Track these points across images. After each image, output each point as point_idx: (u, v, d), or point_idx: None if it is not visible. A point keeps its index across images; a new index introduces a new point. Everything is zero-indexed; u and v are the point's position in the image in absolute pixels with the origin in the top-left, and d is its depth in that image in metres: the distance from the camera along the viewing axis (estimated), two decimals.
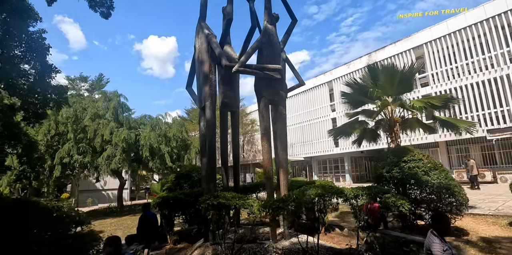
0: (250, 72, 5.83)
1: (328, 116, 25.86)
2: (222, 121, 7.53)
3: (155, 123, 18.55)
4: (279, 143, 6.04)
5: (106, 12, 10.50)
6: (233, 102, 7.42)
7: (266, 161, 5.75)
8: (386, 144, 20.54)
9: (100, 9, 10.41)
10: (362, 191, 4.80)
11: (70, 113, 16.77)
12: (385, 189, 5.07)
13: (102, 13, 10.46)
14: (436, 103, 9.47)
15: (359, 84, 10.72)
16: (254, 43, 6.11)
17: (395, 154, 8.04)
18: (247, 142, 34.14)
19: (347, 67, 24.23)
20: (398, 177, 7.67)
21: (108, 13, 10.61)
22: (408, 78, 10.18)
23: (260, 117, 6.03)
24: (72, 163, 16.25)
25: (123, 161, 16.43)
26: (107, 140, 16.65)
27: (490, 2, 17.62)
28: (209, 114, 6.22)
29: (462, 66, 18.77)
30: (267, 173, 5.79)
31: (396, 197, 4.79)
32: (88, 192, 30.86)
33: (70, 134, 16.31)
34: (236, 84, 7.67)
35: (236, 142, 7.69)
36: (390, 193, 4.85)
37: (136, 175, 30.38)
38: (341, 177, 25.19)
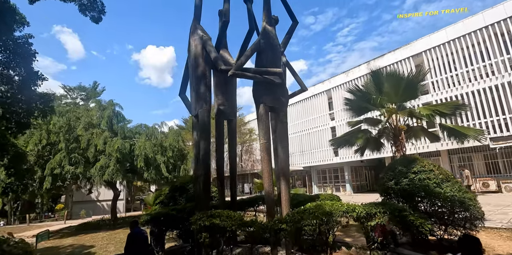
0: (248, 76, 5.27)
1: (327, 125, 25.31)
2: (218, 130, 6.93)
3: (151, 133, 17.89)
4: (280, 153, 5.43)
5: (97, 16, 10.02)
6: (229, 110, 6.86)
7: (266, 174, 5.13)
8: (387, 153, 20.00)
9: (91, 13, 9.94)
10: (375, 208, 4.19)
11: (63, 123, 16.11)
12: (401, 206, 4.47)
13: (93, 17, 9.98)
14: (444, 111, 8.93)
15: (362, 91, 10.20)
16: (252, 45, 5.58)
17: (403, 164, 7.44)
18: (245, 151, 33.45)
19: (345, 75, 23.85)
20: (407, 189, 7.05)
21: (99, 17, 10.13)
22: (413, 85, 9.69)
23: (259, 126, 5.44)
24: (64, 174, 15.47)
25: (117, 172, 15.69)
26: (101, 150, 15.95)
27: (488, 10, 17.38)
28: (203, 122, 5.63)
29: (463, 74, 18.37)
30: (267, 188, 5.16)
31: (415, 216, 4.19)
32: (83, 203, 29.88)
33: (62, 143, 15.60)
34: (233, 91, 7.12)
35: (233, 152, 7.07)
36: (407, 211, 4.25)
37: (131, 186, 29.57)
38: (341, 186, 24.46)
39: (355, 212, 3.99)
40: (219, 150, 6.88)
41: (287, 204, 5.21)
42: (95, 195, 29.22)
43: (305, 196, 6.80)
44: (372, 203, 4.36)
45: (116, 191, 18.83)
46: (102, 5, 9.96)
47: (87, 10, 9.79)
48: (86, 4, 9.77)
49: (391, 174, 7.51)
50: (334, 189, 24.65)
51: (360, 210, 4.04)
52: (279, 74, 5.48)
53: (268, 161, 5.18)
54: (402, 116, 9.51)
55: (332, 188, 24.55)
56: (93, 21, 9.91)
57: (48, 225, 22.66)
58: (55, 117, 16.10)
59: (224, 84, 6.90)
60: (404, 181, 7.15)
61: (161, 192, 10.18)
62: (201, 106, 5.71)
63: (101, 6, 9.97)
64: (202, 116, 5.64)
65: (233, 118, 7.01)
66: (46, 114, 8.48)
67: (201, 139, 5.66)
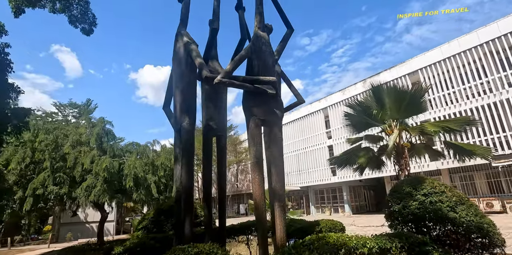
0: (236, 84, 4.57)
1: (324, 144, 24.56)
2: (205, 148, 6.14)
3: (142, 151, 17.00)
4: (275, 172, 4.64)
5: (88, 28, 9.53)
6: (219, 125, 6.12)
7: (258, 198, 4.31)
8: (386, 172, 19.16)
9: (81, 25, 9.46)
10: (390, 242, 3.36)
11: (50, 140, 15.22)
12: (420, 238, 3.64)
13: (84, 29, 9.49)
14: (454, 127, 8.25)
15: (362, 106, 9.56)
16: (243, 50, 4.94)
17: (411, 184, 6.65)
18: (241, 171, 32.39)
19: (342, 93, 23.45)
20: (417, 213, 6.22)
21: (90, 29, 9.64)
22: (416, 100, 9.09)
23: (249, 142, 4.68)
24: (46, 195, 14.38)
25: (104, 192, 14.62)
26: (88, 169, 14.96)
27: (482, 28, 17.27)
28: (186, 138, 4.86)
29: (460, 91, 17.99)
30: (258, 215, 4.32)
31: (439, 251, 3.37)
32: (71, 225, 28.24)
33: (47, 162, 14.63)
34: (223, 104, 6.41)
35: (223, 172, 6.24)
36: (430, 245, 3.43)
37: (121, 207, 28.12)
38: (340, 207, 23.33)
39: (366, 248, 3.17)
40: (206, 170, 6.06)
41: (283, 234, 4.35)
42: (83, 216, 27.73)
43: (302, 222, 5.92)
44: (386, 235, 3.54)
45: (103, 213, 17.59)
46: (93, 17, 9.49)
47: (77, 22, 9.31)
48: (76, 16, 9.30)
49: (398, 196, 6.69)
50: (333, 209, 23.49)
51: (372, 245, 3.22)
52: (272, 84, 4.80)
53: (260, 182, 4.38)
54: (413, 134, 8.81)
55: (331, 209, 23.39)
56: (84, 33, 9.41)
57: (31, 249, 21.11)
58: (41, 135, 15.28)
59: (213, 97, 6.21)
60: (413, 204, 6.33)
61: (145, 215, 9.19)
62: (184, 120, 4.97)
63: (93, 18, 9.50)
64: (185, 132, 4.89)
65: (222, 134, 6.24)
66: (20, 130, 7.67)
67: (183, 157, 4.87)
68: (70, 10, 9.32)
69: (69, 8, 9.31)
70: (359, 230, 13.42)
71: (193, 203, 4.74)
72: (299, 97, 5.56)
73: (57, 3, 9.07)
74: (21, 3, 8.23)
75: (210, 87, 6.24)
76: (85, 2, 9.38)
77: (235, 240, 6.73)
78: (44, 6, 8.97)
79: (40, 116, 17.63)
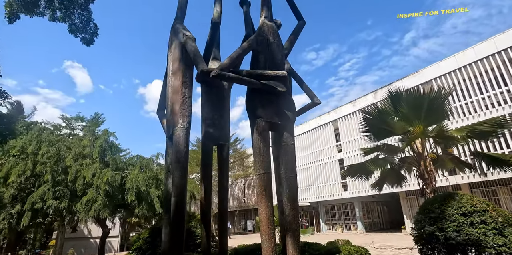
0: (238, 79, 3.71)
1: (334, 158, 23.35)
2: (205, 158, 5.23)
3: (146, 164, 16.13)
4: (286, 187, 3.68)
5: (89, 38, 8.97)
6: (220, 132, 5.24)
7: (265, 221, 3.34)
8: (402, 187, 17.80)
9: (82, 35, 8.91)
10: None
11: (52, 153, 14.55)
12: None
13: (84, 39, 8.92)
14: (485, 129, 7.18)
15: (381, 113, 8.59)
16: (246, 42, 4.10)
17: (446, 202, 5.57)
18: (248, 185, 31.15)
19: (352, 105, 22.46)
20: (457, 238, 5.10)
21: (91, 40, 9.07)
22: (438, 106, 8.11)
23: (254, 150, 3.75)
24: (45, 209, 13.54)
25: (104, 207, 13.72)
26: (90, 183, 14.15)
27: (500, 35, 16.31)
28: (178, 146, 3.97)
29: (478, 101, 16.83)
30: (266, 244, 3.33)
31: None
32: (75, 240, 27.18)
33: (48, 175, 13.87)
34: (226, 108, 5.55)
35: (225, 187, 5.29)
36: None
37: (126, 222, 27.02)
38: (352, 224, 21.78)
39: None
40: (206, 184, 5.11)
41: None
42: (87, 231, 26.74)
43: (319, 248, 4.85)
44: None
45: (105, 228, 16.60)
46: (95, 27, 8.96)
47: (78, 31, 8.79)
48: (77, 25, 8.78)
49: (430, 216, 5.61)
50: (344, 227, 21.96)
51: None
52: (282, 79, 3.94)
53: (268, 200, 3.42)
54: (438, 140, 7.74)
55: (342, 226, 21.86)
56: (84, 43, 8.87)
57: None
58: (44, 147, 14.64)
59: (214, 100, 5.38)
60: (451, 227, 5.25)
61: (140, 235, 8.20)
62: (177, 124, 4.10)
63: (94, 28, 8.98)
64: (178, 138, 4.01)
65: (225, 143, 5.35)
66: (5, 138, 6.93)
67: (175, 169, 3.96)
68: (71, 19, 8.80)
69: (70, 17, 8.80)
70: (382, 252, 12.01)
71: (183, 224, 3.78)
72: (314, 98, 4.66)
73: (57, 12, 8.57)
74: (17, 9, 7.74)
75: (210, 88, 5.42)
76: (87, 12, 8.90)
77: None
78: (43, 14, 8.46)
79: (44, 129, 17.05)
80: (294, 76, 4.92)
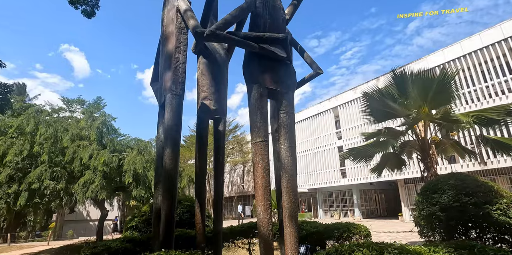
0: (234, 41, 3.39)
1: (334, 145, 23.15)
2: (200, 133, 4.98)
3: (144, 147, 15.93)
4: (284, 158, 3.43)
5: (90, 10, 8.60)
6: (217, 106, 4.97)
7: (261, 191, 3.10)
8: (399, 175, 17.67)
9: (83, 6, 8.55)
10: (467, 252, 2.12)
11: (49, 134, 14.30)
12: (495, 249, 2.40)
13: (85, 11, 8.55)
14: (492, 116, 6.90)
15: (383, 94, 8.28)
16: (244, 3, 3.76)
17: (450, 183, 5.30)
18: (247, 171, 31.12)
19: (353, 92, 22.07)
20: (460, 217, 4.90)
21: (92, 12, 8.69)
22: (446, 88, 7.81)
23: (251, 117, 3.47)
24: (42, 190, 13.44)
25: (102, 189, 13.60)
26: (87, 164, 13.98)
27: (506, 22, 15.79)
28: (171, 114, 3.70)
29: (482, 89, 16.46)
30: (261, 214, 3.10)
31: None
32: (74, 223, 27.40)
33: (45, 155, 13.69)
34: (224, 82, 5.26)
35: (220, 163, 5.06)
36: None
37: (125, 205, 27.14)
38: (350, 211, 21.80)
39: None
40: (200, 160, 4.87)
41: (294, 239, 3.13)
42: (86, 213, 26.91)
43: (318, 225, 4.65)
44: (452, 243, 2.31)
45: (103, 210, 16.56)
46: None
47: (78, 3, 8.40)
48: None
49: (433, 196, 5.41)
50: (342, 213, 21.99)
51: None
52: (282, 44, 3.63)
53: (264, 169, 3.17)
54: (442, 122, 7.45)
55: (340, 213, 21.89)
56: (85, 15, 8.51)
57: (31, 245, 20.19)
58: (42, 128, 14.38)
59: (211, 71, 5.08)
60: (454, 207, 5.05)
61: (135, 214, 8.05)
62: (170, 90, 3.81)
63: (95, 0, 8.63)
64: (170, 104, 3.73)
65: (222, 117, 5.09)
66: (3, 109, 6.65)
67: (168, 138, 3.70)
68: None
69: None
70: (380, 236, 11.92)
71: (175, 199, 3.55)
72: (315, 67, 4.35)
73: None
74: None
75: (207, 60, 5.11)
76: None
77: (234, 245, 5.54)
78: None
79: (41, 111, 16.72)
80: (295, 45, 4.60)
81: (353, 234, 4.32)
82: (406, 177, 18.03)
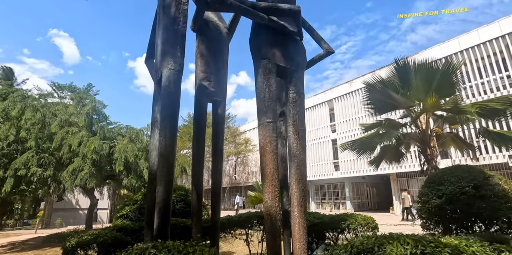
0: (242, 10, 3.00)
1: (328, 138, 22.99)
2: (197, 116, 4.60)
3: (136, 135, 15.41)
4: (293, 143, 3.09)
5: None
6: (217, 88, 4.60)
7: (270, 176, 2.76)
8: (393, 169, 17.62)
9: None
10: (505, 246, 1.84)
11: (36, 119, 13.67)
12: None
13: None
14: (496, 106, 6.70)
15: (385, 85, 8.01)
16: None
17: (456, 175, 5.07)
18: (240, 162, 30.86)
19: (349, 85, 21.83)
20: (466, 210, 4.69)
21: None
22: (450, 79, 7.60)
23: (259, 96, 3.10)
24: (29, 176, 12.88)
25: (91, 177, 13.12)
26: (76, 151, 13.45)
27: (505, 18, 15.62)
28: (170, 88, 3.30)
29: (477, 85, 16.39)
30: (269, 202, 2.77)
31: None
32: (64, 211, 26.77)
33: (31, 141, 13.10)
34: (224, 62, 4.87)
35: (219, 149, 4.71)
36: None
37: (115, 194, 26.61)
38: (341, 204, 21.82)
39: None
40: (198, 147, 4.50)
41: (302, 230, 2.82)
42: (75, 202, 26.34)
43: (322, 216, 4.37)
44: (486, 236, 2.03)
45: (93, 199, 16.10)
46: None
47: None
48: None
49: (439, 188, 5.18)
50: (334, 206, 22.00)
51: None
52: (294, 16, 3.25)
53: (273, 153, 2.83)
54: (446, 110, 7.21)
55: (331, 205, 21.89)
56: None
57: (17, 234, 19.66)
58: (28, 113, 13.75)
59: (211, 50, 4.68)
60: (462, 199, 4.83)
61: (127, 201, 7.67)
62: (167, 65, 3.41)
63: None
64: (168, 80, 3.32)
65: (221, 99, 4.71)
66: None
67: (164, 119, 3.30)
68: None
69: None
70: None
71: (171, 186, 3.19)
72: (327, 47, 3.98)
73: None
74: None
75: (207, 39, 4.70)
76: None
77: (231, 235, 5.24)
78: None
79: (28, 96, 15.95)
80: (303, 23, 4.21)
81: (360, 226, 4.05)
82: (398, 171, 18.00)
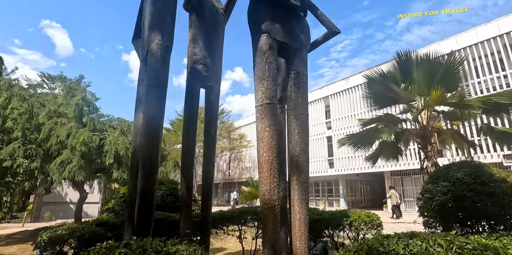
0: None
1: (323, 135, 22.73)
2: (188, 101, 4.19)
3: (127, 127, 14.90)
4: (294, 129, 2.72)
5: None
6: (210, 72, 4.21)
7: (268, 165, 2.39)
8: (387, 167, 17.44)
9: None
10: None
11: (24, 109, 13.11)
12: None
13: None
14: (502, 101, 6.44)
15: (386, 77, 7.69)
16: None
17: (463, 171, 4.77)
18: (234, 158, 30.48)
19: (345, 82, 21.54)
20: (473, 207, 4.40)
21: None
22: (454, 74, 7.32)
23: (257, 74, 2.72)
24: (15, 168, 12.34)
25: (80, 169, 12.63)
26: (65, 143, 12.93)
27: (503, 18, 15.44)
28: (157, 63, 2.90)
29: (474, 85, 16.23)
30: (266, 194, 2.40)
31: None
32: (54, 205, 26.17)
33: (18, 131, 12.54)
34: (219, 45, 4.47)
35: (211, 138, 4.32)
36: None
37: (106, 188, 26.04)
38: (335, 201, 21.62)
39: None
40: (189, 137, 4.10)
41: (303, 226, 2.47)
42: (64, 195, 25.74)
43: (322, 213, 4.03)
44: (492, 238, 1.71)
45: (82, 192, 15.59)
46: None
47: None
48: None
49: (444, 185, 4.88)
50: (327, 203, 21.79)
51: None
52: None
53: (272, 139, 2.46)
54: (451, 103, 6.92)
55: (325, 202, 21.67)
56: None
57: (3, 227, 19.04)
58: (14, 102, 13.18)
59: (206, 36, 4.28)
60: (469, 196, 4.54)
61: (114, 195, 7.25)
62: (154, 40, 3.00)
63: None
64: (155, 56, 2.92)
65: (215, 85, 4.32)
66: None
67: (149, 101, 2.91)
68: None
69: None
70: None
71: (156, 170, 2.81)
72: (332, 27, 3.61)
73: None
74: None
75: (201, 19, 4.29)
76: None
77: (223, 232, 4.89)
78: None
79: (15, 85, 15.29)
80: (308, 2, 3.83)
81: (364, 223, 3.73)
82: (393, 169, 17.83)
